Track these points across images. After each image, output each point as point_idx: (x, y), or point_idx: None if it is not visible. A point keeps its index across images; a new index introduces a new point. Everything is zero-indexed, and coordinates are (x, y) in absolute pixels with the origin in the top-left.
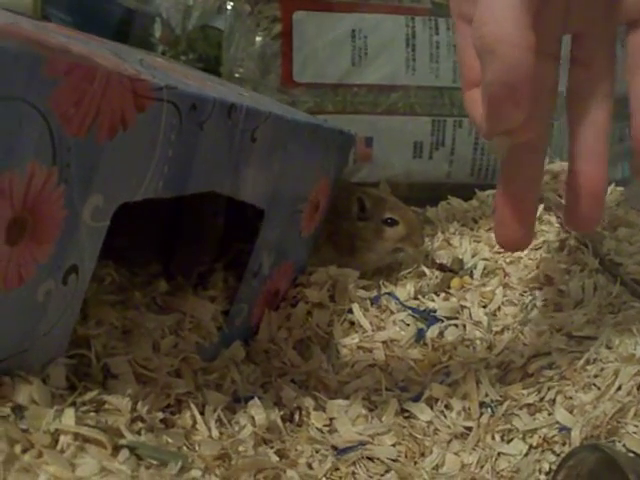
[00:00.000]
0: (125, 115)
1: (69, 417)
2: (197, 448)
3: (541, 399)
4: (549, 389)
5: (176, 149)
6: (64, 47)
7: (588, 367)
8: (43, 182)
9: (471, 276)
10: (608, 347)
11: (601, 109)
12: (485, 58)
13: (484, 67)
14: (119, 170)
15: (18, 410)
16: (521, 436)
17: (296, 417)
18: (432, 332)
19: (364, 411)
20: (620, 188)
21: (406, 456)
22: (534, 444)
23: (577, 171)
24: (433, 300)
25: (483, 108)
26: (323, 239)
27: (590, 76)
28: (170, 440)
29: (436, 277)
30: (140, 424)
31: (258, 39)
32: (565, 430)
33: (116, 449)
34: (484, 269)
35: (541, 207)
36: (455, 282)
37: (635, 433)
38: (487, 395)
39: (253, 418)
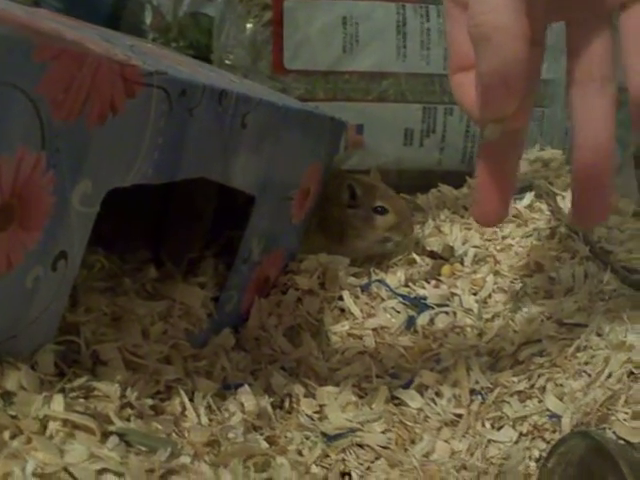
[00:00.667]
0: (115, 100)
1: (58, 403)
2: (186, 434)
3: (531, 386)
4: (539, 376)
5: (166, 135)
6: (54, 32)
7: (578, 354)
8: (32, 167)
9: (462, 263)
10: (598, 334)
11: (603, 95)
12: (480, 46)
13: (479, 56)
14: (108, 156)
15: (7, 396)
16: (511, 423)
17: (286, 404)
18: (422, 319)
19: (354, 398)
20: None
21: (396, 443)
22: (524, 431)
23: (582, 162)
24: (424, 287)
25: (477, 96)
26: (313, 226)
27: (588, 62)
28: (159, 427)
29: (427, 264)
30: (129, 410)
31: (249, 26)
32: (555, 417)
33: (105, 435)
34: (475, 256)
35: (532, 195)
36: (446, 269)
37: (625, 420)
38: (477, 382)
39: (243, 405)
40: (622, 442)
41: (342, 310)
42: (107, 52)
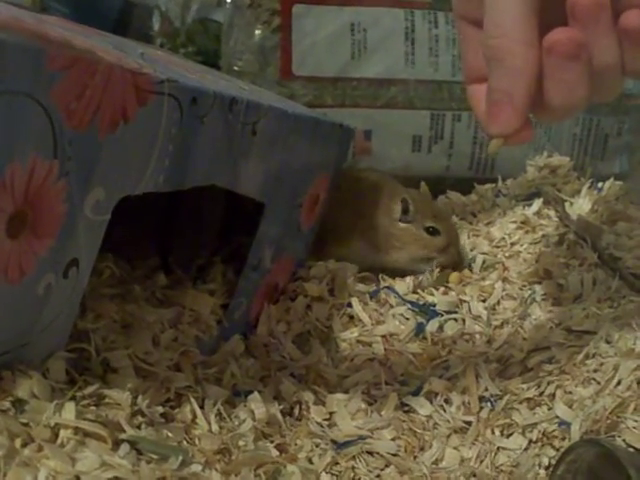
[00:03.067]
0: (126, 109)
1: (69, 411)
2: (197, 442)
3: (541, 393)
4: (549, 383)
5: (177, 143)
6: (66, 41)
7: (587, 362)
8: (44, 176)
9: (470, 270)
10: (607, 342)
11: None
12: (493, 66)
13: (491, 74)
14: (120, 164)
15: (18, 404)
16: (521, 431)
17: (296, 411)
18: (431, 326)
19: (364, 405)
20: (619, 182)
21: (406, 450)
22: (534, 439)
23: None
24: (432, 294)
25: (486, 110)
26: (355, 234)
27: None
28: (170, 434)
29: (435, 271)
30: (140, 418)
31: (257, 32)
32: (565, 425)
33: (116, 443)
34: (483, 263)
35: (540, 201)
36: (454, 276)
37: (635, 428)
38: (487, 389)
39: (253, 412)
40: (631, 450)
41: (351, 317)
42: (119, 60)
